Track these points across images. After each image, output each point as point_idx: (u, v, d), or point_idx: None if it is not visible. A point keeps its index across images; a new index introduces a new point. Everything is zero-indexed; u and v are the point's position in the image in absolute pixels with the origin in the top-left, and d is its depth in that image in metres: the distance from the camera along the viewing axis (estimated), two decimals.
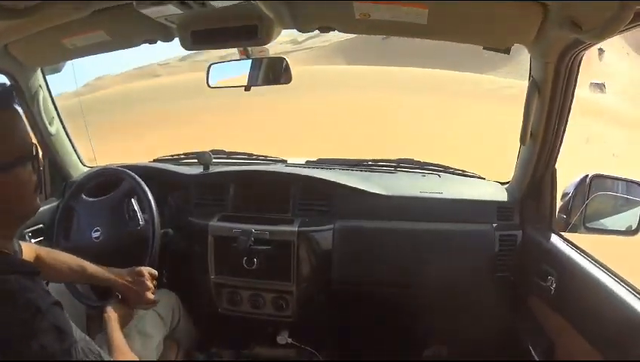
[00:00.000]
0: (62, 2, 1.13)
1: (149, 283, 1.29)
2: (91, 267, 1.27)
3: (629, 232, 1.42)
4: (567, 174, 1.47)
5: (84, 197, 1.63)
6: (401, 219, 1.64)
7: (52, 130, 1.80)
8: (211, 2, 1.11)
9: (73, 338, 0.88)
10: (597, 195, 1.39)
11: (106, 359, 0.98)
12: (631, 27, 0.99)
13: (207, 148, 1.89)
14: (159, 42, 1.42)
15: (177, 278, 1.67)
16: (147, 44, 1.44)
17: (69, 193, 1.65)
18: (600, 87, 12.14)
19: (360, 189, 1.69)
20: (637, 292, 1.11)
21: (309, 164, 1.96)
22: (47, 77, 1.79)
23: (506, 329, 1.60)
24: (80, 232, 1.54)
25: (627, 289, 1.13)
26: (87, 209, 1.60)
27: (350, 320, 1.80)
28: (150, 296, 1.29)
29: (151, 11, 1.16)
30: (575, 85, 1.33)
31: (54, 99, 1.83)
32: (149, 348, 1.39)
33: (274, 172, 1.81)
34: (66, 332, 0.86)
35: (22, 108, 1.42)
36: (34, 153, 0.92)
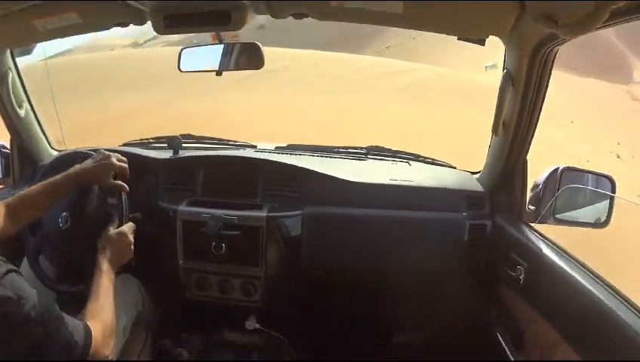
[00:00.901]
0: None
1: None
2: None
3: (598, 224, 1.46)
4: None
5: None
6: (371, 206, 1.65)
7: (21, 113, 1.76)
8: None
9: (33, 303, 0.88)
10: (567, 188, 1.41)
11: (69, 324, 0.97)
12: (607, 25, 1.00)
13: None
14: (131, 25, 1.39)
15: (146, 263, 1.65)
16: (119, 27, 1.41)
17: (37, 177, 1.60)
18: (493, 67, 12.63)
19: (330, 175, 1.69)
20: (603, 283, 1.14)
21: (278, 149, 1.96)
22: (16, 59, 1.74)
23: (475, 317, 1.63)
24: (47, 218, 1.50)
25: (594, 280, 1.16)
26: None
27: (319, 307, 1.81)
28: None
29: None
30: (549, 79, 1.35)
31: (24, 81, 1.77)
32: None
33: (243, 157, 1.79)
34: (25, 298, 0.87)
35: None
36: None
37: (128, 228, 1.36)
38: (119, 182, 1.37)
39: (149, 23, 1.32)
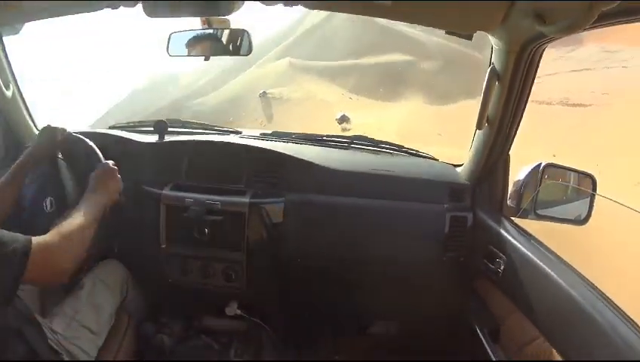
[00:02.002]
0: None
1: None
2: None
3: (578, 221, 1.48)
4: None
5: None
6: (353, 195, 1.66)
7: (8, 94, 1.74)
8: None
9: None
10: (548, 184, 1.44)
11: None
12: (596, 26, 1.02)
13: None
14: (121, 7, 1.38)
15: (129, 247, 1.65)
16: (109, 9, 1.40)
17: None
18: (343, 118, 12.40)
19: (312, 163, 1.70)
20: (580, 278, 1.16)
21: (263, 136, 1.96)
22: (4, 38, 1.72)
23: (453, 308, 1.65)
24: (33, 201, 1.49)
25: (570, 273, 1.18)
26: (40, 176, 1.55)
27: (299, 294, 1.82)
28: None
29: None
30: (534, 76, 1.36)
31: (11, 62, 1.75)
32: (102, 320, 1.39)
33: (227, 143, 1.79)
34: None
35: None
36: None
37: (112, 164, 1.38)
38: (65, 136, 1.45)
39: (140, 5, 1.31)
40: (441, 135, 10.67)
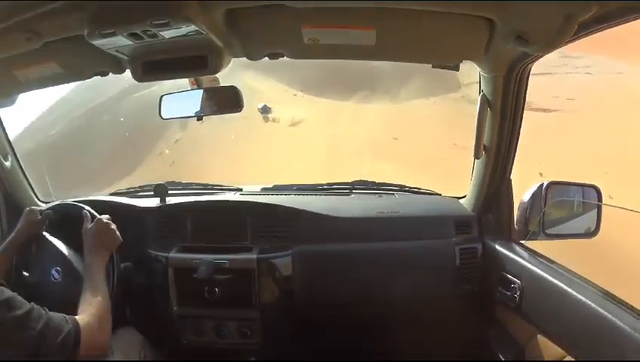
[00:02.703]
0: (13, 33, 1.10)
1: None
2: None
3: (589, 234, 1.47)
4: None
5: (42, 233, 1.58)
6: (361, 241, 1.65)
7: (7, 165, 1.76)
8: (162, 34, 1.10)
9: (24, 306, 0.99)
10: (554, 202, 1.43)
11: (55, 317, 1.04)
12: (575, 38, 1.02)
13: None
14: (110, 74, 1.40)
15: (140, 312, 1.63)
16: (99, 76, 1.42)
17: None
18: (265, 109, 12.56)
19: (317, 213, 1.69)
20: (601, 292, 1.14)
21: (264, 191, 1.97)
22: None
23: (475, 340, 1.62)
24: (40, 271, 1.49)
25: (590, 289, 1.16)
26: (45, 247, 1.55)
27: (317, 343, 1.79)
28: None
29: (102, 43, 1.14)
30: (525, 97, 1.37)
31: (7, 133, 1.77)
32: None
33: (229, 201, 1.80)
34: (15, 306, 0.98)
35: None
36: None
37: (107, 218, 1.42)
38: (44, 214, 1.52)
39: (128, 71, 1.34)
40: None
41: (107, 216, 1.43)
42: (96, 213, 1.47)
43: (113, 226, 1.41)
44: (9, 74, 1.38)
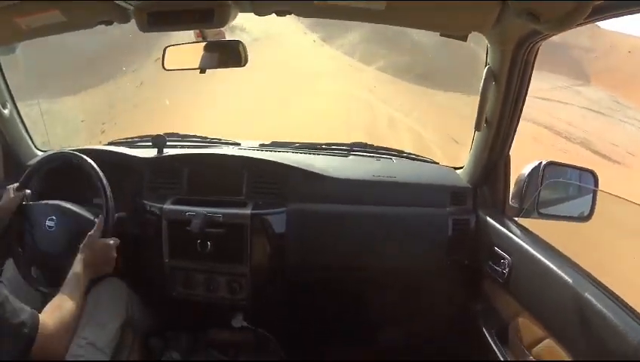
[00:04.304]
0: None
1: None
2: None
3: (582, 218, 1.47)
4: None
5: (37, 183, 1.59)
6: (355, 203, 1.65)
7: (5, 113, 1.75)
8: None
9: None
10: (550, 182, 1.43)
11: (14, 303, 1.03)
12: (588, 21, 1.01)
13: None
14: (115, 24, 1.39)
15: (131, 263, 1.65)
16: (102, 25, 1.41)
17: (22, 178, 1.60)
18: None
19: (313, 172, 1.69)
20: (586, 276, 1.15)
21: (262, 147, 1.96)
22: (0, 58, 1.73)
23: (460, 312, 1.64)
24: (35, 221, 1.49)
25: (577, 273, 1.17)
26: (41, 196, 1.56)
27: (305, 304, 1.81)
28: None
29: None
30: (531, 74, 1.36)
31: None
32: (106, 337, 1.38)
33: (227, 155, 1.80)
34: None
35: None
36: None
37: (114, 242, 1.41)
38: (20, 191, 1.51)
39: (133, 21, 1.32)
40: None
41: (117, 240, 1.43)
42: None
43: (115, 255, 1.41)
44: (10, 22, 1.36)
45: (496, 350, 1.41)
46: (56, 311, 1.14)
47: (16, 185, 1.51)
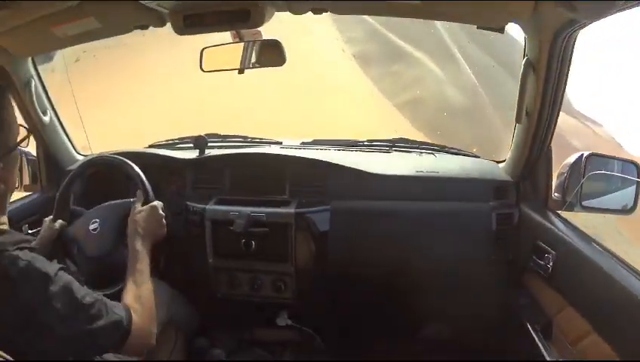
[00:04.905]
0: None
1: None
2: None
3: (625, 211, 1.44)
4: None
5: (80, 186, 1.62)
6: (398, 199, 1.65)
7: (45, 119, 1.79)
8: None
9: (84, 294, 0.95)
10: (592, 174, 1.40)
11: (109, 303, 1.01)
12: (626, 7, 0.99)
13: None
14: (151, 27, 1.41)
15: (175, 263, 1.67)
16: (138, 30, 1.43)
17: (64, 183, 1.63)
18: None
19: (356, 169, 1.69)
20: (632, 270, 1.12)
21: (303, 145, 1.96)
22: (38, 66, 1.77)
23: (503, 306, 1.61)
24: (78, 224, 1.53)
25: (622, 267, 1.14)
26: (84, 199, 1.59)
27: (349, 301, 1.81)
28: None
29: None
30: (570, 64, 1.33)
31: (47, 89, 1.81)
32: None
33: (269, 154, 1.81)
34: (76, 291, 0.94)
35: (14, 99, 1.43)
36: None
37: (158, 203, 1.37)
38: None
39: (169, 24, 1.34)
40: None
41: (161, 203, 1.40)
42: (149, 190, 1.44)
43: (163, 214, 1.38)
44: (47, 30, 1.39)
45: (540, 345, 1.38)
46: (137, 304, 1.09)
47: (50, 218, 1.47)
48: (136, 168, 1.50)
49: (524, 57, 1.36)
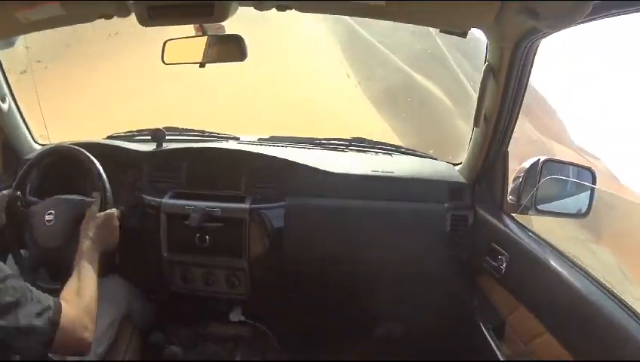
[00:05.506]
0: None
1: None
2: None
3: (580, 215, 1.49)
4: None
5: (36, 176, 1.59)
6: (353, 197, 1.66)
7: (4, 107, 1.74)
8: None
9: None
10: (548, 179, 1.43)
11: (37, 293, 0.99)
12: (588, 20, 1.02)
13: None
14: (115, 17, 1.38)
15: (130, 257, 1.65)
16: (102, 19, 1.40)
17: (20, 173, 1.59)
18: None
19: (312, 167, 1.70)
20: (584, 272, 1.16)
21: (261, 141, 1.96)
22: None
23: (457, 307, 1.65)
24: (34, 220, 1.49)
25: (573, 269, 1.18)
26: (39, 190, 1.56)
27: (302, 298, 1.82)
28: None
29: None
30: (530, 72, 1.36)
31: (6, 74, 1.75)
32: (100, 329, 1.38)
33: (226, 149, 1.80)
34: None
35: None
36: None
37: (114, 211, 1.39)
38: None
39: (133, 14, 1.32)
40: None
41: (117, 211, 1.42)
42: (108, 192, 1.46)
43: (117, 223, 1.40)
44: (10, 15, 1.35)
45: (493, 345, 1.42)
46: (74, 297, 1.08)
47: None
48: (98, 165, 1.49)
49: (485, 62, 1.39)
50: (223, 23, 1.34)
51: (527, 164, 1.44)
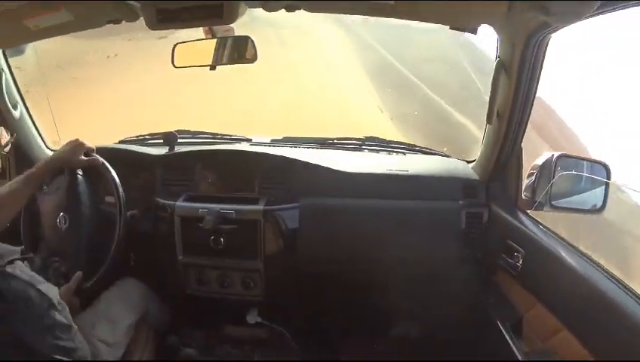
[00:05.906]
0: None
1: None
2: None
3: (594, 211, 1.46)
4: None
5: (49, 180, 1.60)
6: (368, 197, 1.66)
7: (16, 114, 1.76)
8: None
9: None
10: (562, 175, 1.42)
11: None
12: (598, 13, 1.01)
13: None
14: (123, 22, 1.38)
15: (145, 260, 1.66)
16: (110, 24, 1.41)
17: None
18: None
19: (325, 167, 1.70)
20: (600, 268, 1.15)
21: (274, 142, 1.96)
22: (9, 59, 1.74)
23: (474, 305, 1.63)
24: (46, 218, 1.50)
25: (589, 264, 1.17)
26: (52, 194, 1.57)
27: (319, 299, 1.82)
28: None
29: None
30: (542, 67, 1.35)
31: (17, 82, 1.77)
32: (118, 333, 1.39)
33: (239, 151, 1.80)
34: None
35: None
36: None
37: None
38: (91, 157, 1.49)
39: (142, 19, 1.32)
40: None
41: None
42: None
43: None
44: (19, 23, 1.37)
45: (510, 342, 1.41)
46: None
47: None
48: (112, 170, 1.51)
49: (496, 58, 1.37)
50: (232, 25, 1.34)
51: (540, 161, 1.43)
